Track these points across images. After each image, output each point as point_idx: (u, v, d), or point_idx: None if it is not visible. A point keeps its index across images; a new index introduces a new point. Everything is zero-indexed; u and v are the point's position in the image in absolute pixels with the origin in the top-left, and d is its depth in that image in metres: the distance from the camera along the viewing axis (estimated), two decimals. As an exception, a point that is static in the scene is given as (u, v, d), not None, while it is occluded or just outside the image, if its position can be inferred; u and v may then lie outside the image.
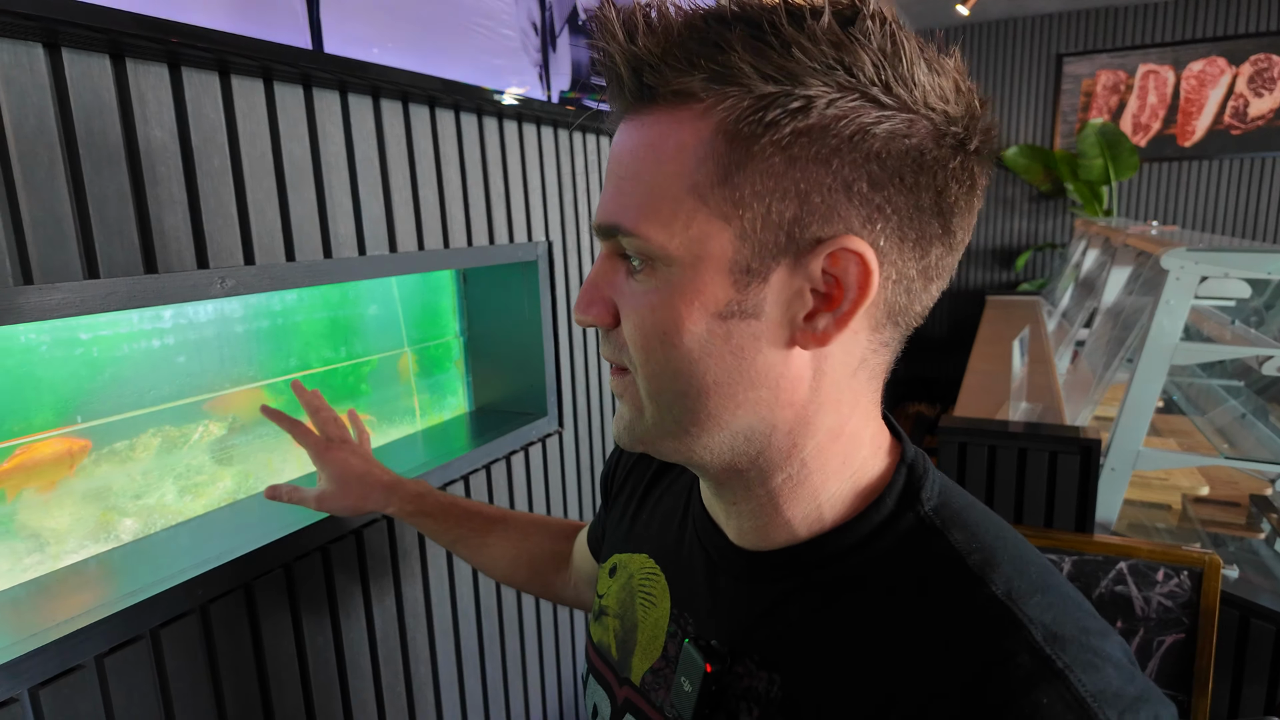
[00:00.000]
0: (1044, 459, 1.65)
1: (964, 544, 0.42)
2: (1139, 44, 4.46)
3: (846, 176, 0.39)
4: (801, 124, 0.38)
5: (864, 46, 0.37)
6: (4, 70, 0.60)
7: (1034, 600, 0.40)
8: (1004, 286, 5.02)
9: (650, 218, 0.41)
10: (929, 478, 0.46)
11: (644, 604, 0.57)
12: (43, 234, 0.63)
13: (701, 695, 0.48)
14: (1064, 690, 0.36)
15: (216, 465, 0.99)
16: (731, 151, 0.39)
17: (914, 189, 0.40)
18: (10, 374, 0.76)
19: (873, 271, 0.40)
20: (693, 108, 0.39)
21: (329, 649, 0.90)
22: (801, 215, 0.39)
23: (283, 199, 0.81)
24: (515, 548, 0.82)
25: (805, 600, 0.45)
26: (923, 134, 0.39)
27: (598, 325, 0.46)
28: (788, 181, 0.39)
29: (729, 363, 0.42)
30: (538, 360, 1.30)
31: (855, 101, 0.38)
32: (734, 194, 0.39)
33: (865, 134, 0.38)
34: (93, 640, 0.67)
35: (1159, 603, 1.46)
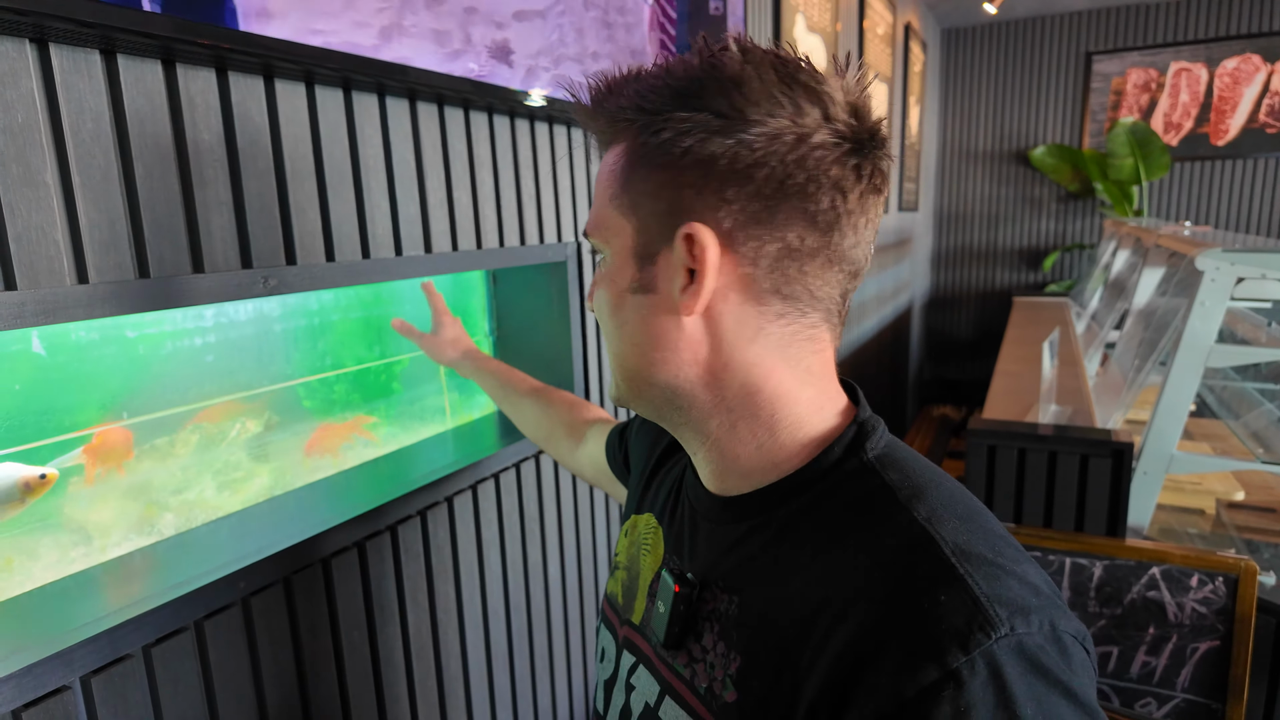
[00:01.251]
0: (1075, 462, 1.63)
1: (897, 482, 0.49)
2: (1171, 41, 4.39)
3: (694, 178, 0.49)
4: (658, 141, 0.49)
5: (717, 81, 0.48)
6: (64, 76, 0.62)
7: (950, 524, 0.45)
8: (1031, 288, 4.96)
9: (595, 223, 0.55)
10: (876, 434, 0.53)
11: (645, 554, 0.65)
12: (98, 235, 0.65)
13: (673, 615, 0.55)
14: (961, 590, 0.41)
15: (253, 462, 1.02)
16: (628, 169, 0.52)
17: (755, 182, 0.48)
18: (62, 370, 0.78)
19: (706, 249, 0.49)
20: (615, 141, 0.54)
21: (364, 644, 0.91)
22: (670, 210, 0.50)
23: (323, 200, 0.83)
24: (542, 411, 1.01)
25: (763, 534, 0.52)
26: (764, 141, 0.48)
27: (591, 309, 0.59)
28: (658, 185, 0.50)
29: (639, 328, 0.53)
30: (565, 359, 1.31)
31: (699, 124, 0.48)
32: (630, 199, 0.52)
33: (706, 144, 0.48)
34: (141, 631, 0.69)
35: (1193, 609, 1.44)
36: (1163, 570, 1.47)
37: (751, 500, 0.54)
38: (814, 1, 2.38)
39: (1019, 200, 4.98)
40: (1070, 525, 1.66)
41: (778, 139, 0.48)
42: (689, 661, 0.54)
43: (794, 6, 2.20)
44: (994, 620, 0.40)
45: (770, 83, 0.48)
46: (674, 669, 0.55)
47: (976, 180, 5.07)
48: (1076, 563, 1.53)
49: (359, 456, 1.13)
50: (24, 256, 0.60)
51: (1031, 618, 0.41)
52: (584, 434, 0.93)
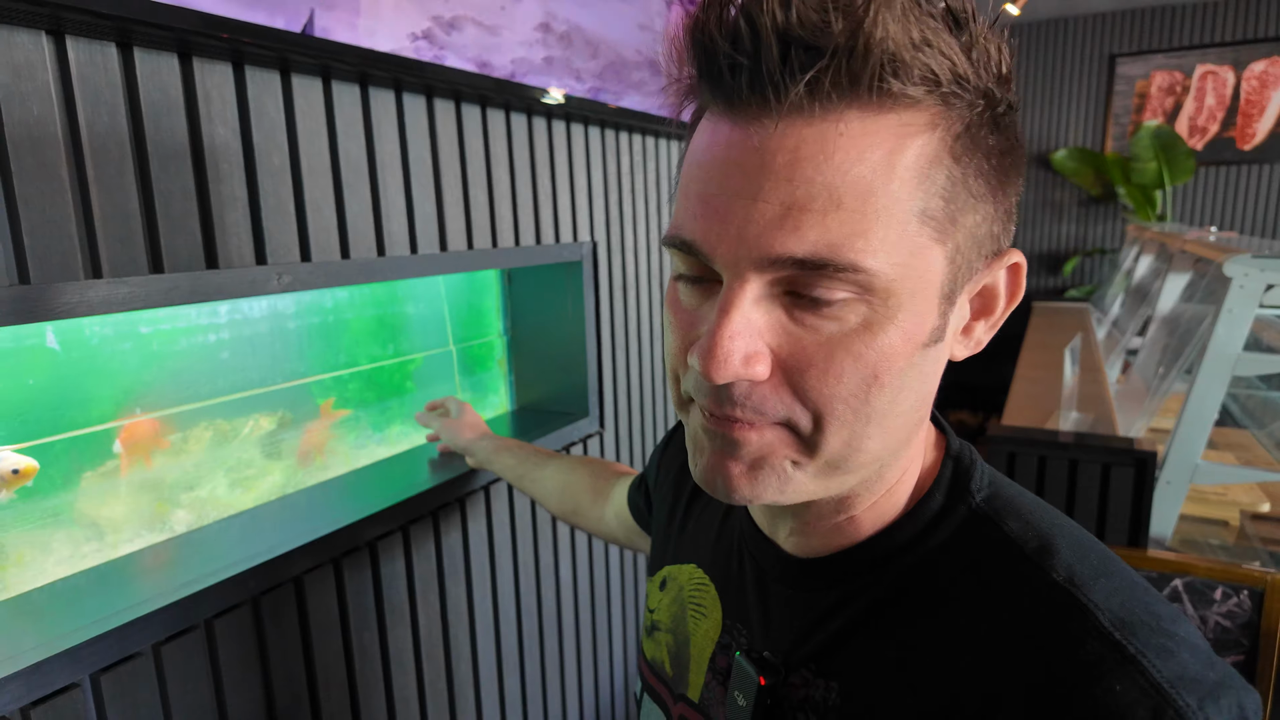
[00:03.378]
0: (1096, 471, 1.60)
1: (1019, 532, 0.41)
2: (1197, 44, 4.32)
3: (1012, 183, 0.39)
4: (992, 140, 0.37)
5: (1000, 50, 0.36)
6: (79, 69, 0.61)
7: (1098, 585, 0.38)
8: (1051, 292, 4.90)
9: (878, 247, 0.35)
10: (977, 468, 0.45)
11: (695, 616, 0.56)
12: (112, 230, 0.64)
13: (756, 709, 0.46)
14: (1138, 676, 0.34)
15: (265, 459, 1.01)
16: (957, 167, 0.36)
17: (1013, 189, 0.40)
18: (75, 366, 0.78)
19: (1023, 278, 0.41)
20: (917, 117, 0.35)
21: (374, 645, 0.90)
22: (992, 231, 0.39)
23: (339, 197, 0.82)
24: (563, 478, 0.92)
25: (860, 604, 0.44)
26: (1015, 136, 0.39)
27: (753, 380, 0.38)
28: (992, 199, 0.38)
29: (919, 393, 0.40)
30: (580, 361, 1.30)
31: (1008, 114, 0.38)
32: (952, 214, 0.37)
33: (1020, 143, 0.39)
34: (150, 629, 0.68)
35: (1216, 622, 1.41)
36: (1186, 582, 1.44)
37: (841, 562, 0.45)
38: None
39: (1039, 204, 4.92)
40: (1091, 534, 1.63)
41: (1019, 137, 0.40)
42: None
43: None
44: (1185, 712, 0.34)
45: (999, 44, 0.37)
46: None
47: (996, 183, 5.01)
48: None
49: (371, 455, 1.13)
50: (38, 250, 0.60)
51: (1220, 700, 0.35)
52: (608, 494, 0.85)
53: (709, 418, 0.40)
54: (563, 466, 0.93)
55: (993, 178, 0.38)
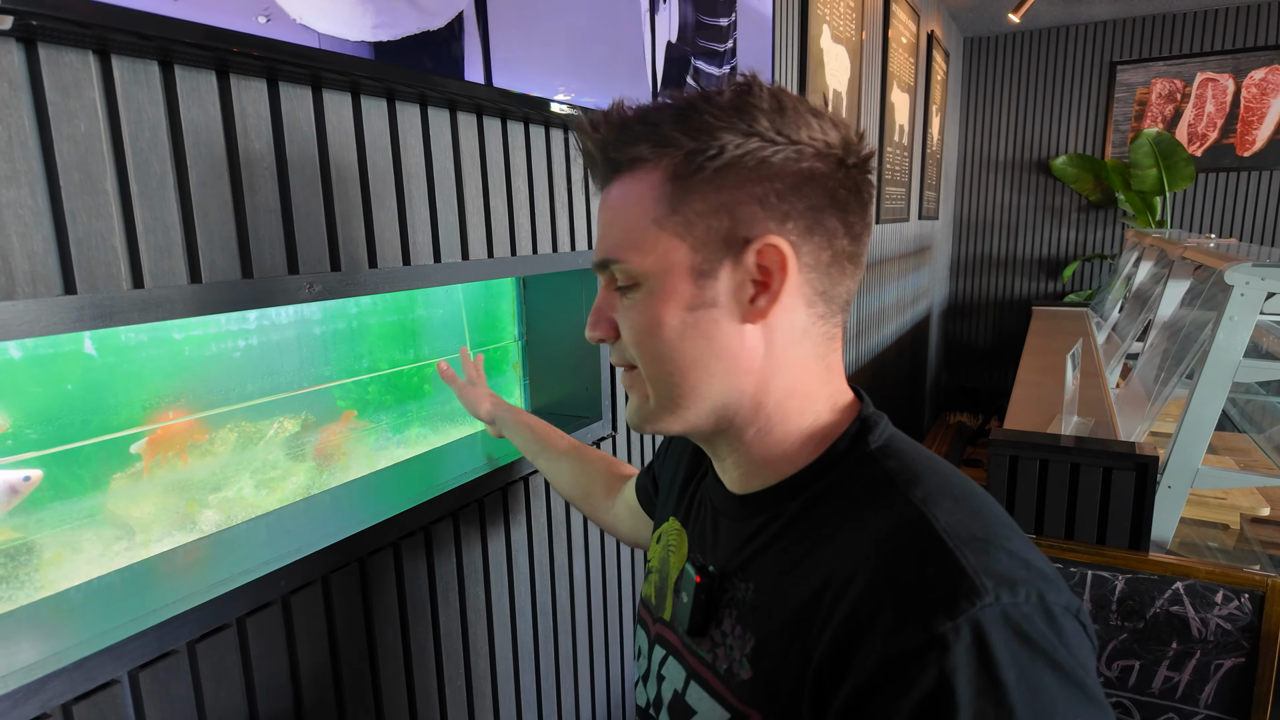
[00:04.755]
0: (1098, 474, 1.62)
1: (896, 469, 0.53)
2: (1198, 52, 4.35)
3: (758, 193, 0.52)
4: (719, 163, 0.52)
5: (756, 107, 0.52)
6: (124, 87, 0.64)
7: (943, 505, 0.48)
8: (1050, 297, 4.93)
9: (629, 247, 0.55)
10: (879, 428, 0.57)
11: (672, 555, 0.69)
12: (153, 241, 0.67)
13: (695, 604, 0.59)
14: (950, 563, 0.44)
15: (289, 461, 1.03)
16: (676, 190, 0.53)
17: (809, 195, 0.53)
18: (111, 371, 0.80)
19: (788, 258, 0.53)
20: (645, 167, 0.55)
21: (397, 643, 0.93)
22: (733, 226, 0.53)
23: (367, 208, 0.85)
24: (578, 471, 1.01)
25: (775, 526, 0.56)
26: (810, 157, 0.53)
27: (605, 340, 0.59)
28: (718, 203, 0.53)
29: (700, 344, 0.54)
30: (594, 365, 1.32)
31: (755, 143, 0.52)
32: (684, 218, 0.53)
33: (765, 162, 0.52)
34: (186, 626, 0.71)
35: (1217, 625, 1.43)
36: (1186, 585, 1.47)
37: (766, 496, 0.58)
38: (839, 12, 2.39)
39: (1039, 209, 4.95)
40: (1092, 538, 1.66)
41: (822, 156, 0.54)
42: (711, 647, 0.58)
43: (820, 17, 2.20)
44: (980, 589, 0.43)
45: (803, 110, 0.54)
46: (698, 655, 0.59)
47: (996, 189, 5.05)
48: (1098, 575, 1.52)
49: (391, 457, 1.15)
50: (84, 261, 0.62)
51: (1019, 589, 0.43)
52: (619, 489, 0.96)
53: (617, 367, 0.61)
54: (577, 459, 1.02)
55: (726, 193, 0.52)
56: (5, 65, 0.57)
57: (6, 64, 0.57)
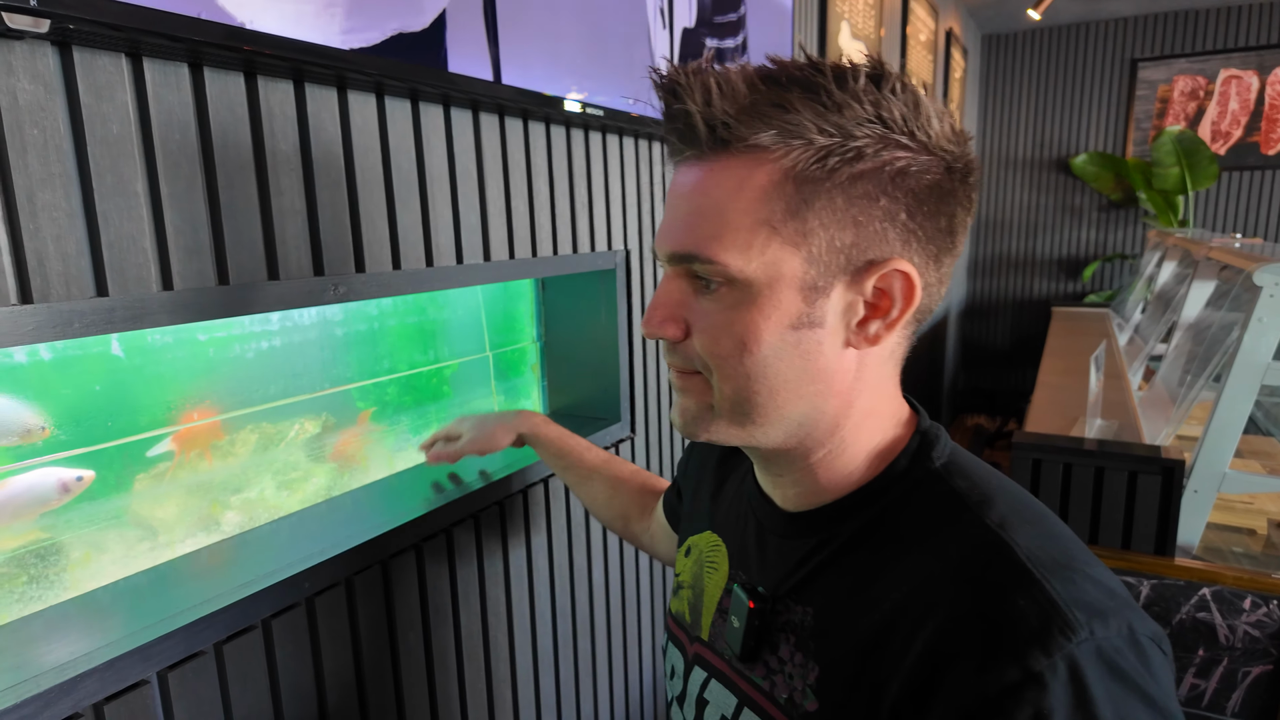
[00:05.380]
0: (1122, 478, 1.60)
1: (965, 489, 0.50)
2: (1221, 48, 4.29)
3: (890, 208, 0.47)
4: (855, 169, 0.46)
5: (893, 103, 0.46)
6: (155, 89, 0.64)
7: (1023, 530, 0.46)
8: (1070, 298, 4.88)
9: (728, 247, 0.48)
10: (940, 442, 0.54)
11: (709, 572, 0.65)
12: (183, 243, 0.67)
13: (747, 629, 0.56)
14: (1038, 594, 0.42)
15: (310, 462, 1.04)
16: (799, 192, 0.46)
17: (935, 215, 0.48)
18: (138, 372, 0.81)
19: (917, 286, 0.48)
20: (762, 156, 0.47)
21: (419, 644, 0.93)
22: (858, 241, 0.47)
23: (391, 210, 0.85)
24: (608, 493, 0.97)
25: (833, 546, 0.53)
26: (941, 170, 0.48)
27: (670, 340, 0.53)
28: (846, 215, 0.47)
29: (797, 366, 0.49)
30: (612, 366, 1.32)
31: (893, 149, 0.46)
32: (803, 226, 0.47)
33: (903, 174, 0.46)
34: (213, 628, 0.71)
35: (1245, 632, 1.41)
36: (1214, 591, 1.44)
37: (822, 515, 0.54)
38: (859, 9, 2.37)
39: (1059, 209, 4.90)
40: (1117, 542, 1.63)
41: (950, 169, 0.48)
42: (767, 674, 0.55)
43: (839, 14, 2.19)
44: (1073, 623, 0.41)
45: (929, 106, 0.47)
46: (752, 681, 0.56)
47: (1015, 188, 5.00)
48: (1124, 580, 1.50)
49: (410, 459, 1.15)
50: (115, 263, 0.62)
51: (1110, 620, 0.42)
52: (654, 507, 0.92)
53: (670, 368, 0.55)
54: (608, 478, 0.97)
55: (859, 201, 0.46)
56: (41, 69, 0.57)
57: (42, 67, 0.57)
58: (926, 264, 0.49)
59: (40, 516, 0.77)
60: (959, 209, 0.49)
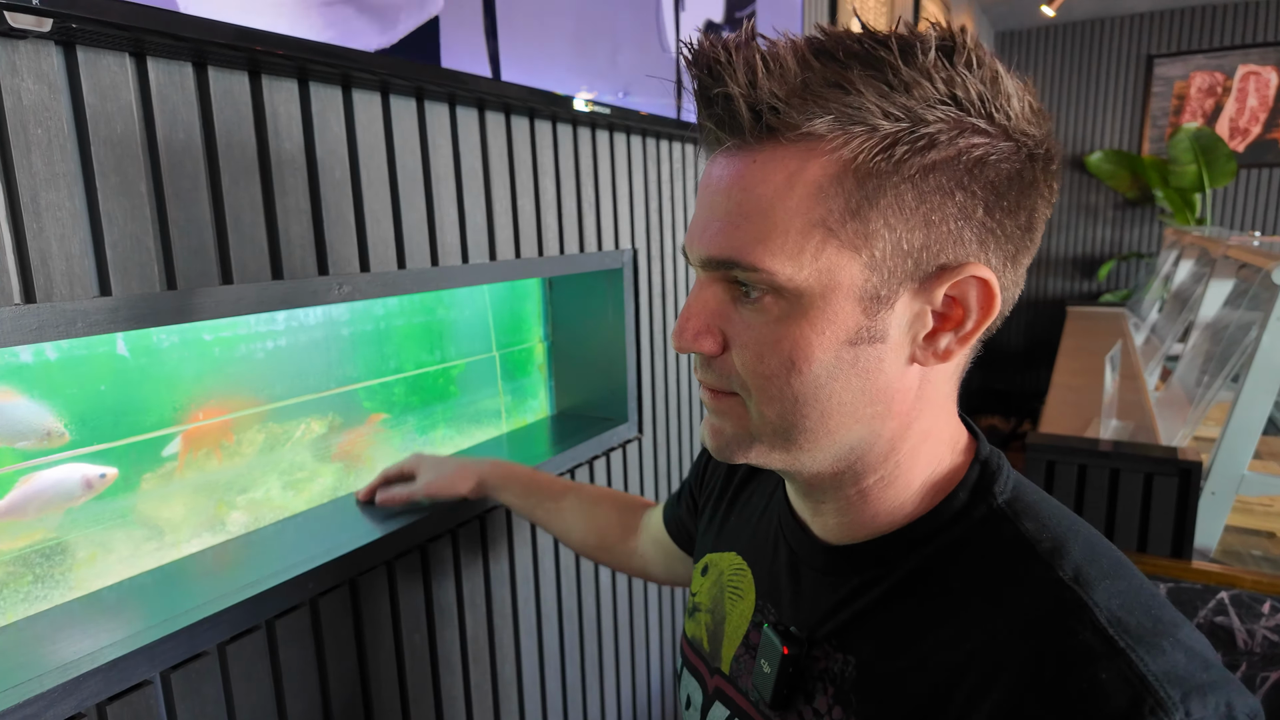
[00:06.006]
0: (1139, 480, 1.58)
1: (1034, 532, 0.44)
2: (1239, 44, 4.23)
3: (966, 205, 0.41)
4: (927, 159, 0.40)
5: (969, 79, 0.39)
6: (159, 88, 0.64)
7: (1102, 586, 0.41)
8: (1085, 297, 4.83)
9: (775, 251, 0.41)
10: (1002, 473, 0.48)
11: (732, 598, 0.60)
12: (185, 243, 0.67)
13: (780, 676, 0.50)
14: (1124, 667, 0.37)
15: (316, 462, 1.03)
16: (860, 188, 0.40)
17: (1015, 210, 0.42)
18: (143, 372, 0.81)
19: (996, 295, 0.42)
20: (817, 145, 0.40)
21: (424, 646, 0.92)
22: (928, 243, 0.41)
23: (396, 208, 0.84)
24: (585, 515, 0.89)
25: (881, 587, 0.47)
26: (1022, 159, 0.41)
27: (706, 354, 0.46)
28: (916, 214, 0.40)
29: (855, 385, 0.43)
30: (619, 366, 1.31)
31: (969, 135, 0.40)
32: (864, 227, 0.41)
33: (982, 164, 0.40)
34: (217, 628, 0.71)
35: (1264, 636, 1.38)
36: (1232, 595, 1.42)
37: (868, 551, 0.48)
38: (869, 5, 2.35)
39: (1074, 207, 4.85)
40: (1133, 545, 1.61)
41: (1033, 156, 0.42)
42: None
43: (849, 11, 2.17)
44: (1166, 703, 0.36)
45: (1007, 80, 0.41)
46: None
47: (1029, 186, 4.95)
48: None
49: (418, 459, 1.15)
50: (119, 263, 0.62)
51: (1208, 698, 0.36)
52: (637, 526, 0.86)
53: (701, 386, 0.49)
54: (581, 500, 0.90)
55: (931, 197, 0.40)
56: (45, 68, 0.57)
57: (46, 67, 0.57)
58: (1004, 267, 0.43)
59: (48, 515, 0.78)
60: (1040, 202, 0.43)
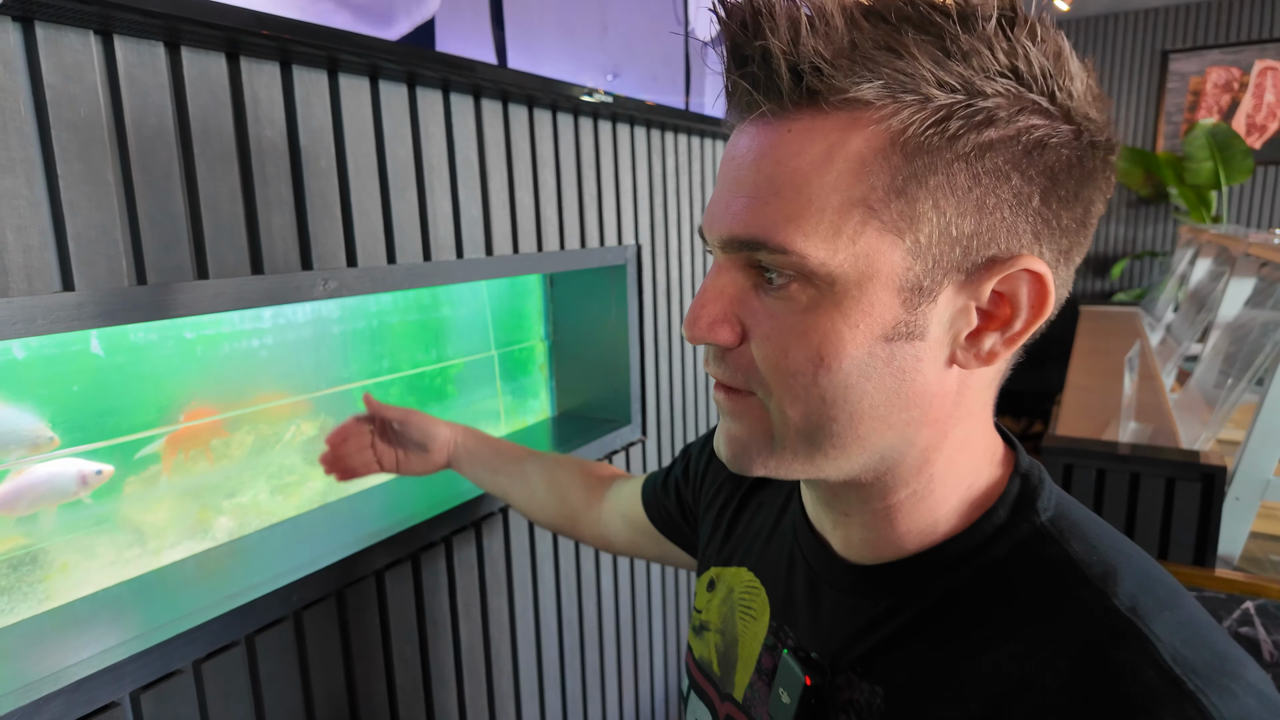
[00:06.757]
0: (1160, 485, 1.52)
1: (1083, 555, 0.40)
2: (1256, 39, 4.16)
3: (1022, 190, 0.37)
4: (984, 136, 0.36)
5: (1031, 53, 0.36)
6: (128, 69, 0.60)
7: (1162, 617, 0.37)
8: (1098, 296, 4.77)
9: (809, 232, 0.37)
10: (1045, 488, 0.44)
11: (744, 618, 0.56)
12: (157, 235, 0.62)
13: (801, 708, 0.46)
14: (1193, 713, 0.33)
15: (307, 465, 0.99)
16: (909, 164, 0.36)
17: (1072, 201, 0.38)
18: (120, 371, 0.77)
19: (1050, 292, 0.38)
20: (862, 115, 0.36)
21: (415, 658, 0.88)
22: (980, 231, 0.37)
23: (385, 200, 0.80)
24: (548, 477, 0.84)
25: (912, 611, 0.43)
26: (1083, 145, 0.38)
27: (721, 345, 0.42)
28: (969, 197, 0.37)
29: (889, 386, 0.39)
30: (623, 366, 1.27)
31: (1031, 113, 0.36)
32: (910, 208, 0.37)
33: (1042, 147, 0.37)
34: (192, 645, 0.66)
35: (1291, 648, 1.33)
36: (1257, 605, 1.37)
37: (897, 572, 0.44)
38: None
39: (1085, 205, 4.78)
40: (1153, 553, 1.56)
41: (1095, 143, 0.38)
42: None
43: (860, 2, 2.12)
44: None
45: (1071, 66, 0.37)
46: None
47: (1040, 183, 4.89)
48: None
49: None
50: (84, 256, 0.58)
51: None
52: (603, 494, 0.81)
53: (715, 384, 0.44)
54: (544, 463, 0.86)
55: (986, 179, 0.36)
56: (1, 46, 0.53)
57: (2, 44, 0.53)
58: (1057, 263, 0.39)
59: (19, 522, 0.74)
60: (1097, 195, 0.39)
